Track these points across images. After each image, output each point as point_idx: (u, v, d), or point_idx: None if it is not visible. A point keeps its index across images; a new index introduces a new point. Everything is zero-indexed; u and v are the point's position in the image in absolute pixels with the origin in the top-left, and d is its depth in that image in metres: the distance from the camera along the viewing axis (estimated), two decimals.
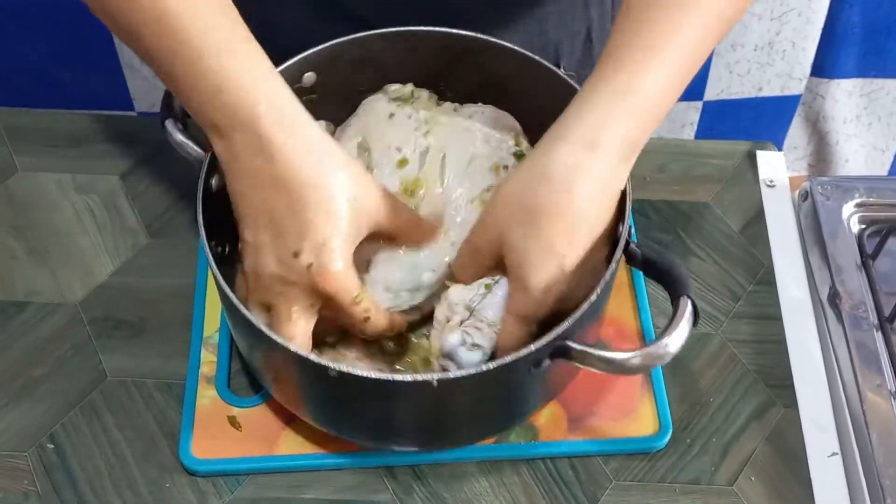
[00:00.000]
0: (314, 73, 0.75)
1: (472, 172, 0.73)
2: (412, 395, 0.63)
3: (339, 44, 0.75)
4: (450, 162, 0.73)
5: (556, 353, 0.62)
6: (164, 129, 0.69)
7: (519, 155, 0.74)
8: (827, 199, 0.84)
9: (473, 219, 0.69)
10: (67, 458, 0.72)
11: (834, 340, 0.77)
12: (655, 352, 0.60)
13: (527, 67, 0.75)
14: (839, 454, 0.73)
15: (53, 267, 0.82)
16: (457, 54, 0.76)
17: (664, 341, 0.61)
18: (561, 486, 0.72)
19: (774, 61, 1.54)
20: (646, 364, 0.61)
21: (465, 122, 0.75)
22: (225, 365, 0.76)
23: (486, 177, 0.73)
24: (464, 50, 0.76)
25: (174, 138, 0.69)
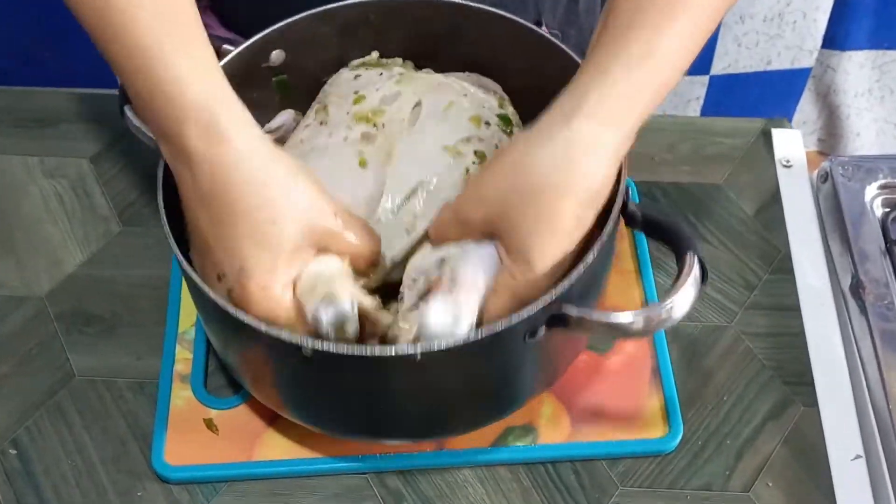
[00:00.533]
0: (282, 51, 0.70)
1: (449, 118, 0.67)
2: (395, 372, 0.59)
3: (309, 16, 0.70)
4: (425, 106, 0.67)
5: (552, 321, 0.58)
6: (124, 116, 0.64)
7: (504, 118, 0.69)
8: (848, 180, 0.79)
9: (444, 172, 0.64)
10: (31, 463, 0.68)
11: (857, 333, 0.73)
12: (659, 314, 0.56)
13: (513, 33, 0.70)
14: (863, 457, 0.69)
15: (18, 257, 0.78)
16: (439, 26, 0.72)
17: (669, 302, 0.56)
18: (563, 492, 0.68)
19: (784, 33, 1.51)
20: (649, 327, 0.56)
21: (444, 78, 0.70)
22: (201, 362, 0.72)
23: (464, 126, 0.67)
24: (447, 20, 0.71)
25: (133, 124, 0.65)
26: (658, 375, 0.72)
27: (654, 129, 0.87)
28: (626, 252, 0.79)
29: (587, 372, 0.72)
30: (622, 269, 0.78)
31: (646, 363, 0.73)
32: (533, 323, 0.57)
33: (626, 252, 0.79)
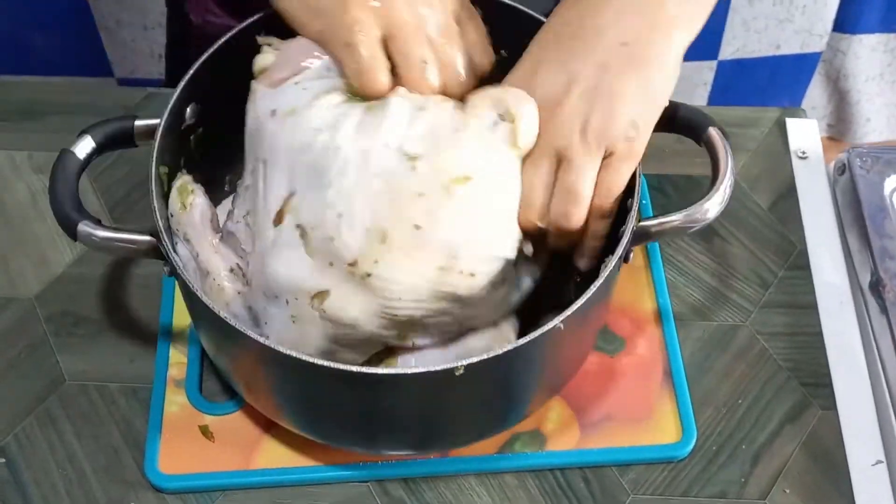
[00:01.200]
0: (195, 104, 0.64)
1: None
2: (399, 385, 0.56)
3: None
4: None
5: (638, 237, 0.59)
6: (78, 238, 0.58)
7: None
8: (867, 172, 0.77)
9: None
10: (20, 472, 0.66)
11: (877, 333, 0.71)
12: (724, 189, 0.61)
13: None
14: (884, 462, 0.67)
15: (5, 256, 0.76)
16: None
17: (726, 172, 0.61)
18: (572, 500, 0.66)
19: (794, 17, 1.49)
20: (723, 204, 0.61)
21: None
22: (196, 366, 0.70)
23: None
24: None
25: (100, 240, 0.58)
26: (670, 378, 0.70)
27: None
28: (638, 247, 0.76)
29: (597, 375, 0.70)
30: (632, 265, 0.75)
31: (657, 365, 0.70)
32: (627, 244, 0.58)
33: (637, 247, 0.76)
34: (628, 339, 0.72)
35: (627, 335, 0.72)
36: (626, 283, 0.74)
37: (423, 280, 0.55)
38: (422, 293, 0.55)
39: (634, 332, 0.72)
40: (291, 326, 0.57)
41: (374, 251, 0.54)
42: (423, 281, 0.55)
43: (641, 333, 0.72)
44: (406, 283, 0.55)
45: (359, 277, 0.54)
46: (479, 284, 0.56)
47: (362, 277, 0.54)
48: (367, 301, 0.55)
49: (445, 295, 0.56)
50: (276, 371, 0.59)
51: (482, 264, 0.56)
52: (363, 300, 0.55)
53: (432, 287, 0.55)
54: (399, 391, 0.57)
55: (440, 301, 0.56)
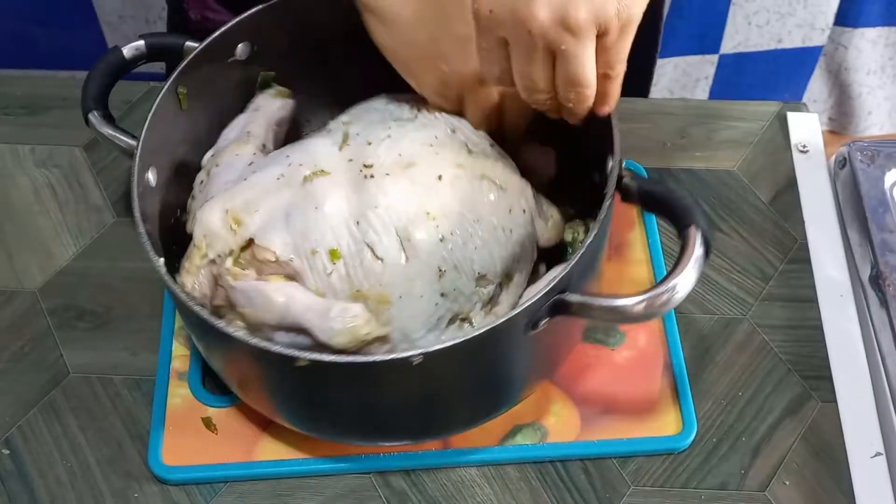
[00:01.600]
0: (248, 44, 0.67)
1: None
2: (388, 376, 0.57)
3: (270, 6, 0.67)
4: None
5: (554, 309, 0.56)
6: (89, 124, 0.63)
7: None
8: (867, 165, 0.77)
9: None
10: (25, 464, 0.66)
11: (877, 326, 0.71)
12: (660, 296, 0.54)
13: None
14: (883, 454, 0.67)
15: (9, 250, 0.76)
16: None
17: (672, 282, 0.54)
18: (573, 492, 0.66)
19: (796, 10, 1.48)
20: (651, 310, 0.54)
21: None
22: (198, 359, 0.70)
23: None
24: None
25: (101, 132, 0.63)
26: (670, 370, 0.70)
27: (665, 113, 0.85)
28: (637, 241, 0.76)
29: (597, 367, 0.70)
30: (633, 258, 0.76)
31: (658, 358, 0.70)
32: (534, 313, 0.55)
33: (636, 241, 0.76)
34: (629, 332, 0.72)
35: (628, 328, 0.72)
36: (628, 277, 0.74)
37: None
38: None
39: (635, 325, 0.72)
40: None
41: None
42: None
43: (642, 326, 0.72)
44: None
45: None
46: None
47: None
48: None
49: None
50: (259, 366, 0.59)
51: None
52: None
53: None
54: (388, 378, 0.58)
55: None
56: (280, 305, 0.57)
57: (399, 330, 0.59)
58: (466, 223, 0.60)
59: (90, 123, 0.65)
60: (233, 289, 0.59)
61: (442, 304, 0.59)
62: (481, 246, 0.60)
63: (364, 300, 0.59)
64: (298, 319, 0.57)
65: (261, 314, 0.58)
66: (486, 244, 0.61)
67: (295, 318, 0.57)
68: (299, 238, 0.59)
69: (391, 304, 0.59)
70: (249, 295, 0.58)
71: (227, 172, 0.64)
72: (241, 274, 0.59)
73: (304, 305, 0.57)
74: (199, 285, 0.60)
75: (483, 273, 0.61)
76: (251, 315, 0.59)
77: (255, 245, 0.59)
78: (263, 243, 0.59)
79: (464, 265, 0.60)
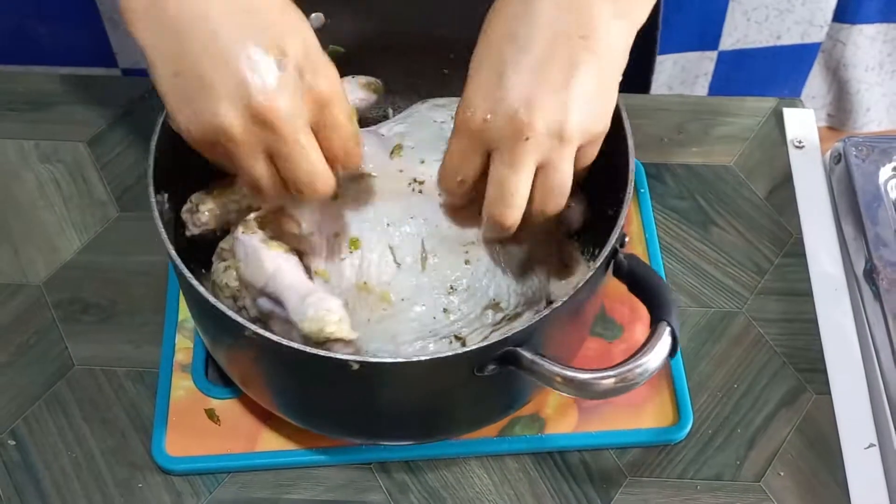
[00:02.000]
0: (321, 15, 0.67)
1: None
2: (382, 379, 0.57)
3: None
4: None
5: (503, 359, 0.55)
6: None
7: None
8: (862, 161, 0.77)
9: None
10: (30, 455, 0.67)
11: (871, 319, 0.72)
12: (624, 373, 0.54)
13: None
14: (876, 445, 0.68)
15: (14, 244, 0.77)
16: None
17: (638, 362, 0.55)
18: (571, 482, 0.66)
19: (794, 7, 1.48)
20: (612, 387, 0.54)
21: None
22: (202, 351, 0.71)
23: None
24: None
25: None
26: (668, 364, 0.70)
27: (662, 108, 0.85)
28: (636, 236, 0.77)
29: (595, 360, 0.71)
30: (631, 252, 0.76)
31: None
32: (481, 358, 0.55)
33: (635, 236, 0.77)
34: (626, 325, 0.72)
35: (626, 322, 0.73)
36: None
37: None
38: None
39: (633, 318, 0.73)
40: None
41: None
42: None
43: (640, 320, 0.72)
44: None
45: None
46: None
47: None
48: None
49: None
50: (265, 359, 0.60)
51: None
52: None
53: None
54: (400, 380, 0.58)
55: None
56: (267, 272, 0.59)
57: (388, 331, 0.60)
58: (495, 255, 0.62)
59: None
60: (237, 240, 0.60)
61: (441, 319, 0.60)
62: (501, 276, 0.62)
63: (367, 293, 0.60)
64: (279, 291, 0.58)
65: (249, 274, 0.60)
66: (506, 276, 0.62)
67: (276, 289, 0.58)
68: (328, 220, 0.60)
69: (392, 304, 0.60)
70: (247, 251, 0.60)
71: None
72: (251, 231, 0.60)
73: (289, 281, 0.58)
74: (211, 214, 0.62)
75: (497, 301, 0.62)
76: (242, 271, 0.60)
77: (284, 214, 0.60)
78: (294, 214, 0.60)
79: (477, 290, 0.61)
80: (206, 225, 0.62)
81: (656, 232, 0.77)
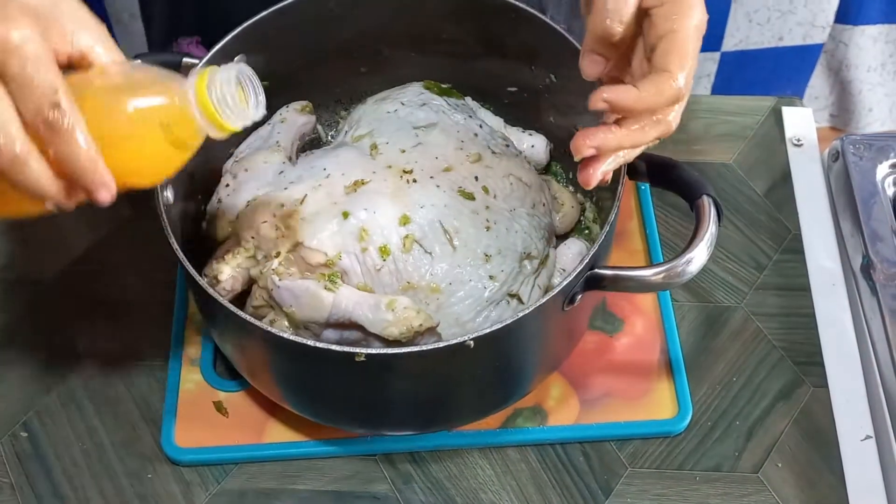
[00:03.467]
0: (244, 55, 0.67)
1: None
2: (397, 367, 0.58)
3: (267, 16, 0.67)
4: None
5: (589, 283, 0.58)
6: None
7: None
8: (860, 158, 0.78)
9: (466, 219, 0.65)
10: (42, 447, 0.68)
11: (867, 314, 0.73)
12: (677, 268, 0.57)
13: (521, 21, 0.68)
14: (873, 437, 0.69)
15: (28, 241, 0.78)
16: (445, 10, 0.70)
17: (688, 255, 0.57)
18: (572, 473, 0.68)
19: (796, 8, 1.49)
20: (669, 280, 0.58)
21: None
22: (210, 346, 0.72)
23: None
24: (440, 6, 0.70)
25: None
26: (667, 356, 0.72)
27: None
28: (635, 231, 0.78)
29: (596, 353, 0.72)
30: (632, 249, 0.78)
31: (655, 344, 0.72)
32: (572, 288, 0.58)
33: (634, 231, 0.78)
34: (627, 319, 0.74)
35: (626, 316, 0.74)
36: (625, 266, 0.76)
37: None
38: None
39: (633, 312, 0.74)
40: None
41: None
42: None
43: (640, 314, 0.74)
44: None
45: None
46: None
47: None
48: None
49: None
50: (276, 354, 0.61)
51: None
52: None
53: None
54: (409, 369, 0.59)
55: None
56: (326, 303, 0.60)
57: (450, 315, 0.62)
58: (504, 214, 0.64)
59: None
60: (278, 288, 0.61)
61: (490, 286, 0.62)
62: (520, 230, 0.64)
63: (414, 291, 0.62)
64: (349, 314, 0.59)
65: (308, 312, 0.60)
66: (523, 229, 0.65)
67: (345, 312, 0.59)
68: (350, 239, 0.61)
69: (441, 292, 0.62)
70: (296, 294, 0.60)
71: (257, 178, 0.66)
72: (286, 274, 0.61)
73: (354, 300, 0.60)
74: (233, 280, 0.62)
75: (528, 251, 0.64)
76: (298, 314, 0.61)
77: (305, 248, 0.61)
78: (314, 246, 0.61)
79: (507, 248, 0.64)
80: (233, 290, 0.63)
81: (657, 227, 0.78)
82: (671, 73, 0.51)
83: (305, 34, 0.69)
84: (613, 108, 0.51)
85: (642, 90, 0.51)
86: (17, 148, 0.45)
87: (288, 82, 0.70)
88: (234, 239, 0.63)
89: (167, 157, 0.50)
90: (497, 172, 0.66)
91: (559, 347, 0.67)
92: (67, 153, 0.46)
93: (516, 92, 0.74)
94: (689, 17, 0.52)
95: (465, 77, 0.74)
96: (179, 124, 0.49)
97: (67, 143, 0.46)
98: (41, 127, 0.46)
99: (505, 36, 0.70)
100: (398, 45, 0.73)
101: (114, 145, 0.47)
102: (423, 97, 0.70)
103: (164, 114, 0.48)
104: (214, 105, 0.49)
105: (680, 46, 0.51)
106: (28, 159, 0.46)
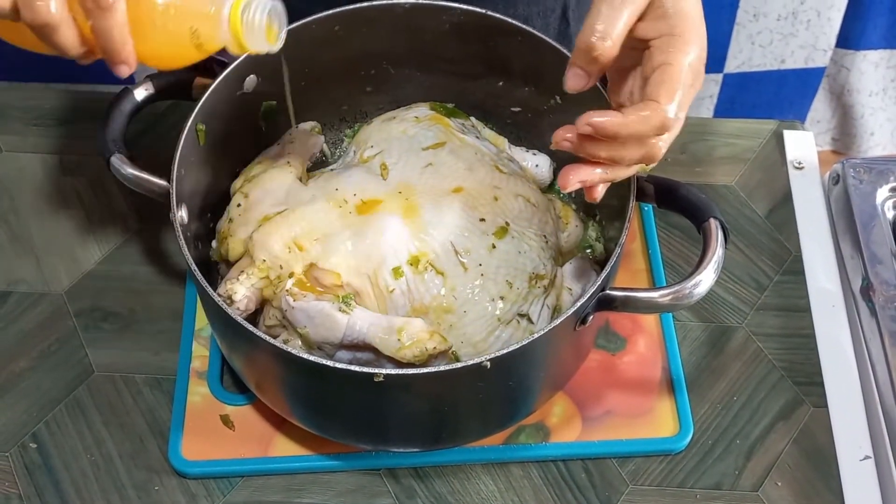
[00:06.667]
0: (255, 76, 0.68)
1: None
2: (408, 387, 0.59)
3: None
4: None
5: (600, 304, 0.60)
6: (111, 168, 0.65)
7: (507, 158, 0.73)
8: (860, 182, 0.79)
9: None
10: (51, 458, 0.69)
11: (867, 335, 0.73)
12: (684, 290, 0.59)
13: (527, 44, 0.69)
14: (872, 457, 0.69)
15: (37, 254, 0.79)
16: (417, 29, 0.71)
17: (696, 278, 0.58)
18: (574, 490, 0.68)
19: (798, 32, 1.50)
20: (677, 302, 0.59)
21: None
22: (217, 359, 0.73)
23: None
24: (437, 24, 0.71)
25: (126, 174, 0.65)
26: (669, 375, 0.72)
27: None
28: (638, 252, 0.79)
29: (599, 372, 0.73)
30: (634, 268, 0.78)
31: (657, 363, 0.73)
32: (585, 309, 0.59)
33: (637, 251, 0.79)
34: (629, 338, 0.74)
35: (628, 334, 0.75)
36: (628, 286, 0.77)
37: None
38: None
39: (635, 331, 0.75)
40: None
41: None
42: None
43: (642, 333, 0.75)
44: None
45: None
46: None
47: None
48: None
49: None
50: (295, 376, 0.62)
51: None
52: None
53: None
54: (424, 389, 0.60)
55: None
56: (341, 324, 0.60)
57: (462, 335, 0.62)
58: (515, 234, 0.65)
59: (113, 167, 0.66)
60: (293, 309, 0.61)
61: (501, 306, 0.63)
62: (529, 251, 0.65)
63: (425, 313, 0.62)
64: (363, 335, 0.60)
65: (323, 333, 0.61)
66: (532, 249, 0.65)
67: (359, 334, 0.60)
68: (363, 260, 0.62)
69: (453, 312, 0.62)
70: (310, 315, 0.61)
71: (268, 198, 0.66)
72: (301, 295, 0.62)
73: (368, 322, 0.60)
74: (247, 300, 0.63)
75: (537, 271, 0.65)
76: (312, 335, 0.61)
77: (318, 269, 0.62)
78: (328, 267, 0.62)
79: (518, 269, 0.64)
80: (247, 310, 0.63)
81: (659, 248, 0.79)
82: (659, 103, 0.52)
83: (311, 54, 0.70)
84: (598, 131, 0.53)
85: (627, 116, 0.52)
86: (53, 7, 0.49)
87: (294, 101, 0.71)
88: (248, 259, 0.64)
89: (185, 53, 0.54)
90: (506, 193, 0.67)
91: (568, 366, 0.68)
92: (104, 28, 0.50)
93: (519, 112, 0.76)
94: (685, 52, 0.53)
95: (468, 96, 0.75)
96: (206, 30, 0.53)
97: (107, 19, 0.50)
98: (88, 1, 0.49)
99: (511, 57, 0.71)
100: (403, 65, 0.74)
101: (143, 33, 0.51)
102: (430, 117, 0.71)
103: (196, 17, 0.53)
104: (244, 24, 0.53)
105: (671, 78, 0.52)
106: (60, 25, 0.50)
